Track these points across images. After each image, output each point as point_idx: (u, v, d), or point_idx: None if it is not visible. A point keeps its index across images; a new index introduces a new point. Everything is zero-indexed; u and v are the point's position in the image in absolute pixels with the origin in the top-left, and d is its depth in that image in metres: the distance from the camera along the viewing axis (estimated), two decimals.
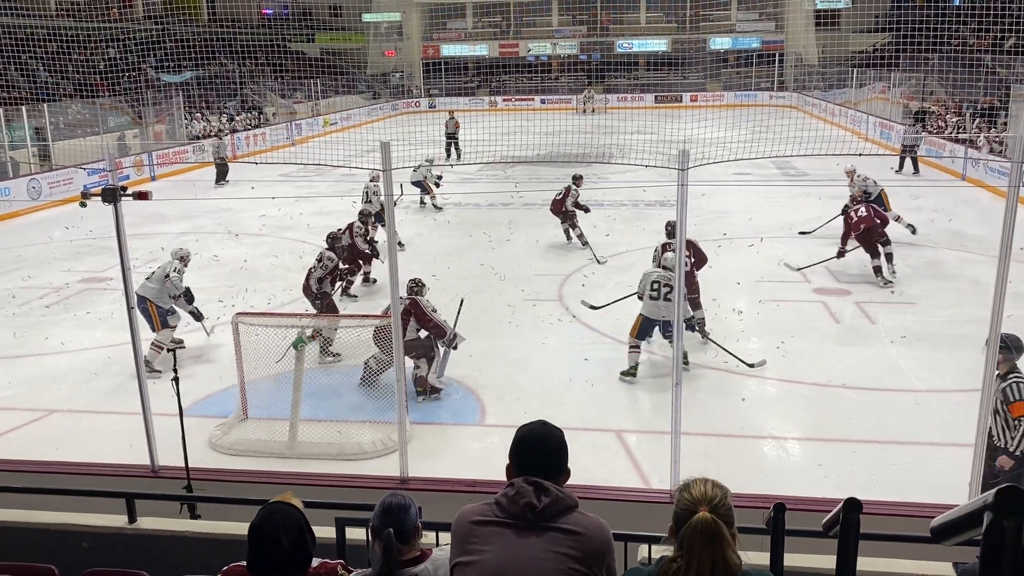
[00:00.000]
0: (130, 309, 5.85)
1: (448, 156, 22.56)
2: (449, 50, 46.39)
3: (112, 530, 4.69)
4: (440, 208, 17.33)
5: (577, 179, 14.05)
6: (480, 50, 46.07)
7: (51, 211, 17.84)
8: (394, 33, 46.62)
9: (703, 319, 9.19)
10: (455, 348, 8.10)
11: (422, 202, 17.45)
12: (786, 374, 8.45)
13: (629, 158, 17.01)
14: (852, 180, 13.58)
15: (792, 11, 40.79)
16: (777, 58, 40.84)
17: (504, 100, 42.58)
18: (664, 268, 8.53)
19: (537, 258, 13.46)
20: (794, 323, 9.95)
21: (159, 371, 8.46)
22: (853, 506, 2.60)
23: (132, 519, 4.72)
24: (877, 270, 11.38)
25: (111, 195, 5.44)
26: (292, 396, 7.10)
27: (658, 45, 44.09)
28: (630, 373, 8.34)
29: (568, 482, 2.45)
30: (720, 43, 43.49)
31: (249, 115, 32.08)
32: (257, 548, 2.64)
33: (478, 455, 6.88)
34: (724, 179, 14.74)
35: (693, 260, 9.15)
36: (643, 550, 3.80)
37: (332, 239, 10.20)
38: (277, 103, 35.43)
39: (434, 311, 8.05)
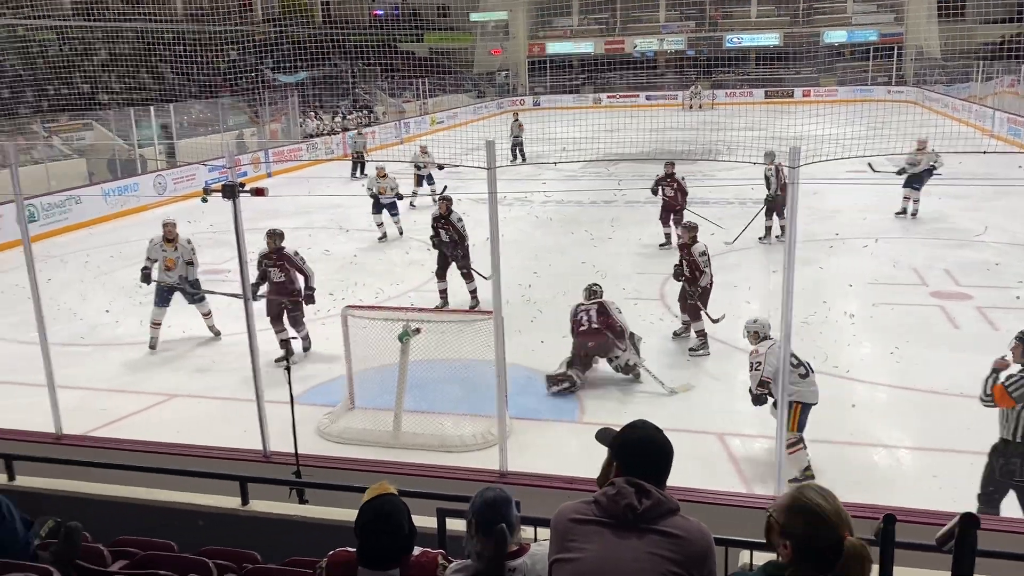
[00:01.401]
0: (246, 301, 6.12)
1: (514, 159, 22.38)
2: (554, 48, 46.43)
3: (226, 511, 4.92)
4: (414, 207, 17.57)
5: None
6: (585, 47, 45.93)
7: (175, 206, 18.82)
8: (500, 32, 47.00)
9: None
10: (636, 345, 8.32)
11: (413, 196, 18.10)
12: (900, 381, 8.10)
13: (737, 155, 16.64)
14: (923, 149, 13.20)
15: (913, 2, 38.95)
16: (896, 51, 39.07)
17: (608, 97, 42.32)
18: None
19: (639, 256, 13.33)
20: (909, 328, 9.51)
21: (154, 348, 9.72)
22: (970, 521, 2.46)
23: (245, 501, 4.94)
24: None
25: (230, 191, 5.70)
26: (397, 388, 7.28)
27: (769, 39, 42.90)
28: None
29: (668, 485, 2.43)
30: (835, 36, 41.96)
31: (360, 114, 32.98)
32: (371, 537, 2.73)
33: (576, 452, 6.87)
34: (837, 177, 14.24)
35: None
36: (744, 556, 3.73)
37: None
38: (386, 102, 36.30)
39: (619, 311, 8.31)
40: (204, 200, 6.22)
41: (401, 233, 15.31)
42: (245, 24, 33.88)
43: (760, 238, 13.63)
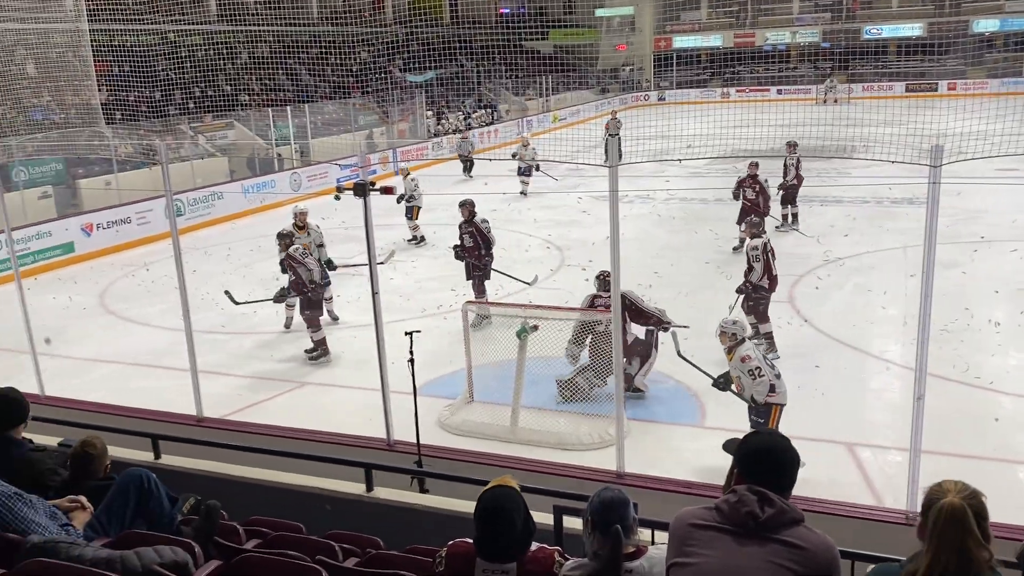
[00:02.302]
0: (374, 295, 6.32)
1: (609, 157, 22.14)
2: (681, 42, 45.61)
3: (352, 496, 5.11)
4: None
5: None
6: (714, 41, 44.90)
7: (308, 202, 19.64)
8: (626, 27, 46.58)
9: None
10: (668, 331, 7.85)
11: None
12: None
13: (873, 153, 15.86)
14: None
15: None
16: None
17: (738, 92, 41.19)
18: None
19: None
20: None
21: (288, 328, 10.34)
22: None
23: (369, 488, 5.12)
24: None
25: (361, 189, 5.91)
26: (515, 383, 7.36)
27: (911, 29, 40.63)
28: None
29: (792, 494, 2.36)
30: (985, 25, 39.28)
31: (484, 112, 33.44)
32: (486, 527, 2.78)
33: (694, 456, 6.76)
34: (984, 175, 13.36)
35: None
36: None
37: None
38: (510, 100, 36.64)
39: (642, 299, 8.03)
40: (337, 198, 6.47)
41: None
42: (376, 25, 34.96)
43: (777, 227, 13.64)
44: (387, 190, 6.07)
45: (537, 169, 19.54)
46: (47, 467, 3.92)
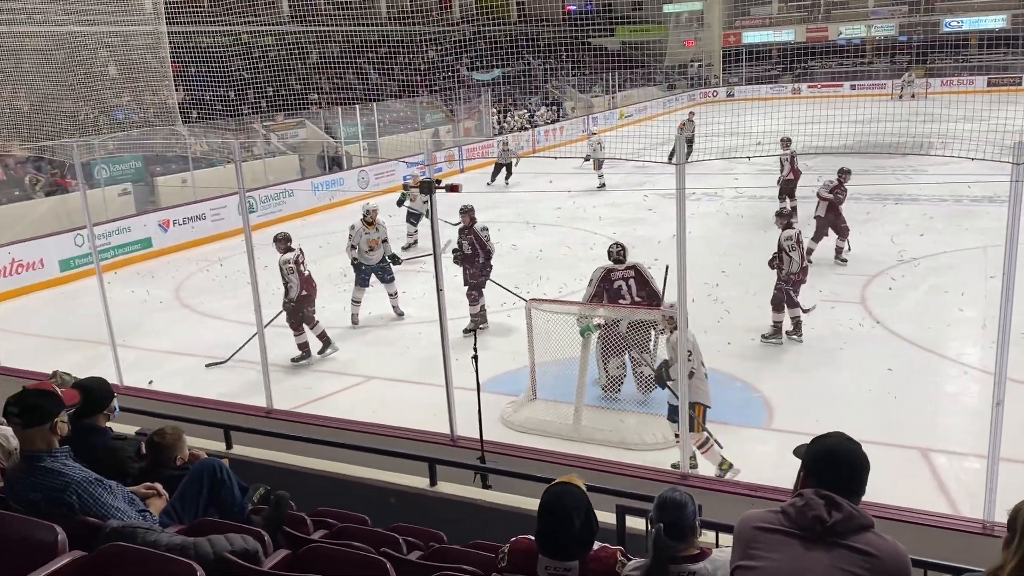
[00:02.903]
0: (439, 291, 6.38)
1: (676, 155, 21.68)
2: (751, 37, 44.80)
3: (416, 491, 5.18)
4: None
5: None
6: (785, 35, 43.99)
7: (375, 199, 19.93)
8: (695, 22, 45.98)
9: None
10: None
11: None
12: None
13: (951, 149, 15.31)
14: None
15: None
16: None
17: (809, 87, 40.27)
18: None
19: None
20: None
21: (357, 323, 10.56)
22: None
23: (433, 482, 5.17)
24: None
25: (428, 187, 5.98)
26: (578, 381, 7.35)
27: (995, 21, 39.10)
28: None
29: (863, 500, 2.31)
30: None
31: (549, 110, 33.40)
32: (550, 525, 2.79)
33: (760, 459, 6.64)
34: None
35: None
36: None
37: None
38: (575, 97, 36.51)
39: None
40: (404, 194, 6.56)
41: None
42: (443, 24, 35.25)
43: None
44: (452, 188, 6.12)
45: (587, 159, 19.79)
46: (126, 455, 4.07)
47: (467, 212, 10.40)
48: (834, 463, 2.30)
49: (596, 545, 2.86)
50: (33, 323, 11.57)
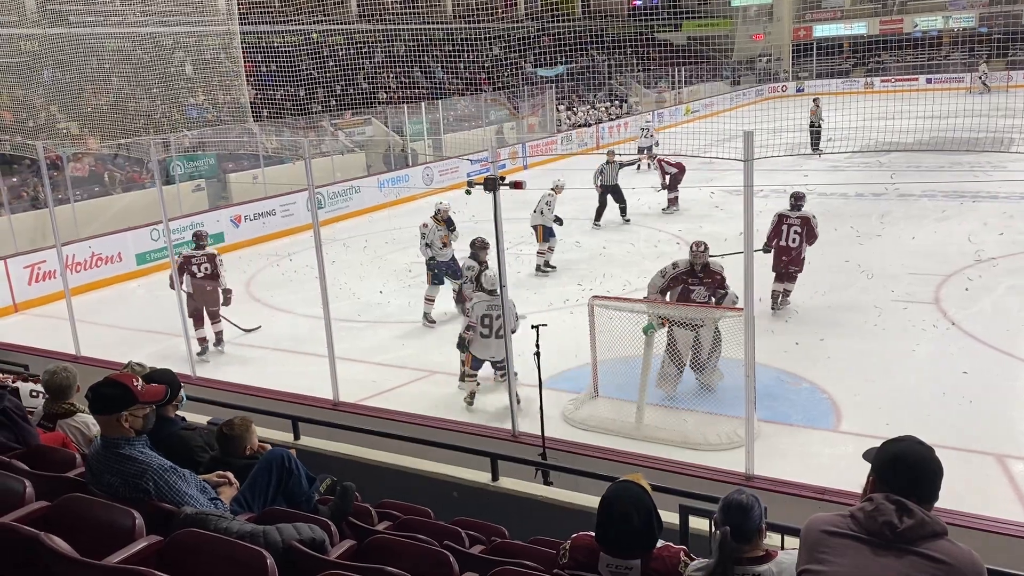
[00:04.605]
0: (502, 288, 6.42)
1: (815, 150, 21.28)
2: (822, 30, 43.75)
3: (478, 485, 5.22)
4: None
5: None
6: (857, 28, 42.82)
7: (440, 196, 20.10)
8: (763, 16, 45.11)
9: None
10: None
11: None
12: None
13: None
14: None
15: None
16: None
17: (882, 81, 39.10)
18: (489, 292, 7.74)
19: (912, 255, 12.22)
20: None
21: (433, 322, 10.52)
22: None
23: (495, 477, 5.21)
24: None
25: (492, 184, 6.01)
26: (640, 379, 7.29)
27: None
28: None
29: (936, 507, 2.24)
30: None
31: (614, 105, 33.18)
32: (608, 522, 2.79)
33: (828, 462, 6.50)
34: None
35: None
36: None
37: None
38: (640, 93, 36.18)
39: None
40: (468, 192, 6.60)
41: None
42: (508, 21, 35.29)
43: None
44: (516, 185, 6.14)
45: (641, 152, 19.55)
46: (197, 444, 4.20)
47: (484, 247, 9.40)
48: (904, 468, 2.24)
49: (659, 543, 2.85)
50: (111, 315, 12.01)
